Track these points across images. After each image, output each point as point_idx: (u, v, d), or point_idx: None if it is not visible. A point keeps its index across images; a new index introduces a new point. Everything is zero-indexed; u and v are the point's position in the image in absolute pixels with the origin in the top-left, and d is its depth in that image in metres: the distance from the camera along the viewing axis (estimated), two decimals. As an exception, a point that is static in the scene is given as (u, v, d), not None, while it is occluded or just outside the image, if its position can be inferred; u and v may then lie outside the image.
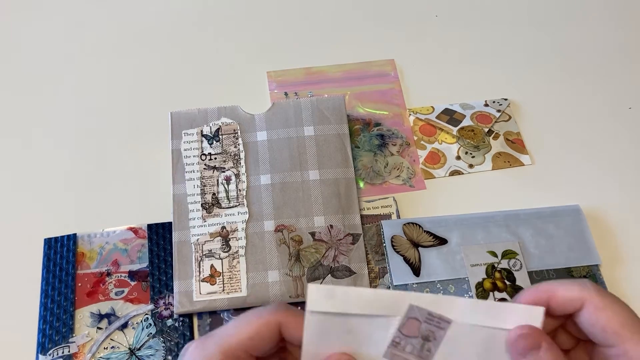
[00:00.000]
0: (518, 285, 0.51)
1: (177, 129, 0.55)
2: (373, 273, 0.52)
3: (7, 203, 0.57)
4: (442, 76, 0.67)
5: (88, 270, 0.51)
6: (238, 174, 0.54)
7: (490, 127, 0.61)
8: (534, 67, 0.67)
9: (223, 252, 0.51)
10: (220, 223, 0.52)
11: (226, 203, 0.52)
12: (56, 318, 0.49)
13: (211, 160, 0.54)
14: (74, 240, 0.53)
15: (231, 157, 0.54)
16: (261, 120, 0.57)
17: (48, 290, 0.50)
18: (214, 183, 0.53)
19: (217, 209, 0.52)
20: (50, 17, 0.70)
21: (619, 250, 0.54)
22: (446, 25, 0.71)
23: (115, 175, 0.58)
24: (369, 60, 0.67)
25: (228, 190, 0.53)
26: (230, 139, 0.55)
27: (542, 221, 0.54)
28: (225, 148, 0.54)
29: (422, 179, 0.58)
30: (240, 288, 0.49)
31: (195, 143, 0.54)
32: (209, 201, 0.52)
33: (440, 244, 0.53)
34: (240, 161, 0.54)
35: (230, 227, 0.52)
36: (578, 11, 0.73)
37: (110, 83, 0.65)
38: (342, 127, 0.57)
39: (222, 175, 0.53)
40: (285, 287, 0.50)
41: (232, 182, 0.53)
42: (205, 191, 0.53)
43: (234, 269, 0.50)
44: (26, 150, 0.60)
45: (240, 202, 0.53)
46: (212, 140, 0.54)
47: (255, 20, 0.71)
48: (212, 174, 0.53)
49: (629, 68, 0.67)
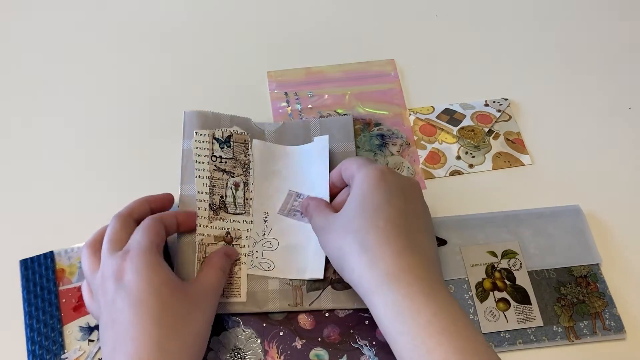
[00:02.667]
0: (518, 285, 0.50)
1: (190, 129, 0.54)
2: (373, 273, 0.52)
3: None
4: (442, 76, 0.67)
5: (70, 285, 0.51)
6: (247, 183, 0.53)
7: (490, 127, 0.61)
8: (534, 67, 0.67)
9: None
10: (225, 228, 0.51)
11: (232, 209, 0.52)
12: (44, 337, 0.48)
13: (222, 163, 0.53)
14: (51, 258, 0.52)
15: (241, 164, 0.53)
16: (271, 136, 0.56)
17: (32, 311, 0.49)
18: (223, 186, 0.52)
19: (223, 213, 0.51)
20: (49, 15, 0.70)
21: (619, 250, 0.54)
22: (446, 25, 0.71)
23: (87, 190, 0.57)
24: (369, 60, 0.67)
25: (236, 197, 0.52)
26: (240, 147, 0.54)
27: (542, 221, 0.54)
28: (236, 155, 0.53)
29: (422, 178, 0.58)
30: (240, 294, 0.49)
31: (206, 144, 0.53)
32: (217, 203, 0.51)
33: (440, 244, 0.53)
34: (249, 171, 0.53)
35: (235, 234, 0.51)
36: (578, 11, 0.73)
37: (99, 89, 0.65)
38: (350, 145, 0.57)
39: (232, 180, 0.52)
40: (284, 296, 0.49)
41: (240, 189, 0.52)
42: (214, 192, 0.51)
43: (234, 275, 0.50)
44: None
45: (247, 210, 0.52)
46: (223, 145, 0.53)
47: (255, 20, 0.71)
48: (222, 177, 0.52)
49: (629, 68, 0.67)
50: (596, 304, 0.50)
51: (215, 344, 0.48)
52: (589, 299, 0.50)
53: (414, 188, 0.47)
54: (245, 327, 0.49)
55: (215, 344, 0.48)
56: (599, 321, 0.49)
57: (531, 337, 0.48)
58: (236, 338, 0.48)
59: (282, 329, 0.49)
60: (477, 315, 0.49)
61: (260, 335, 0.48)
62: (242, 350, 0.48)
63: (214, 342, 0.48)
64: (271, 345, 0.48)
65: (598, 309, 0.50)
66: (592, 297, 0.50)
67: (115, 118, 0.62)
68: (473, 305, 0.50)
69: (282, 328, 0.49)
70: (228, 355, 0.47)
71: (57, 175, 0.58)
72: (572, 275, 0.52)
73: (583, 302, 0.50)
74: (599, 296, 0.51)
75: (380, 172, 0.45)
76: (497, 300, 0.50)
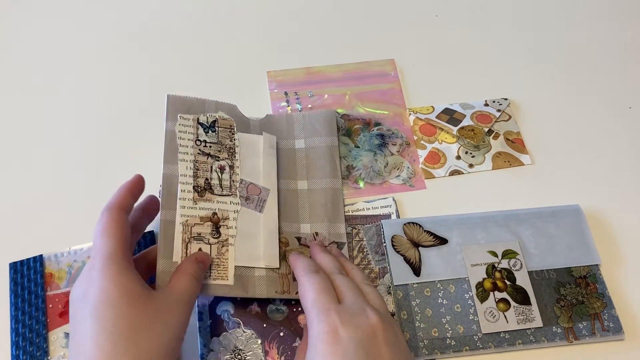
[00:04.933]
0: (518, 285, 0.51)
1: (173, 112, 0.51)
2: (373, 273, 0.52)
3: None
4: (442, 76, 0.67)
5: (58, 291, 0.50)
6: (232, 166, 0.52)
7: (490, 127, 0.61)
8: (534, 67, 0.67)
9: (213, 237, 0.49)
10: (211, 209, 0.49)
11: (219, 190, 0.50)
12: (29, 342, 0.48)
13: (206, 147, 0.51)
14: (41, 262, 0.51)
15: (226, 149, 0.52)
16: (255, 126, 0.56)
17: (18, 315, 0.49)
18: (208, 169, 0.51)
19: (209, 194, 0.50)
20: (38, 11, 0.70)
21: (619, 250, 0.54)
22: (446, 25, 0.71)
23: (79, 193, 0.57)
24: (369, 60, 0.67)
25: (222, 179, 0.51)
26: (226, 132, 0.53)
27: (542, 221, 0.54)
28: (221, 140, 0.52)
29: (422, 178, 0.58)
30: (227, 276, 0.48)
31: (190, 128, 0.51)
32: (202, 185, 0.50)
33: (441, 243, 0.53)
34: (235, 155, 0.52)
35: (222, 214, 0.49)
36: (578, 11, 0.73)
37: (93, 91, 0.65)
38: (333, 139, 0.57)
39: (217, 163, 0.51)
40: (271, 283, 0.49)
41: (226, 172, 0.51)
42: (198, 175, 0.50)
43: (222, 256, 0.48)
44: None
45: (234, 192, 0.51)
46: (207, 129, 0.52)
47: (255, 20, 0.71)
48: (207, 160, 0.51)
49: (629, 68, 0.67)
50: (595, 304, 0.50)
51: (216, 345, 0.48)
52: (588, 299, 0.50)
53: (375, 337, 0.39)
54: (246, 328, 0.49)
55: (215, 345, 0.48)
56: (598, 322, 0.50)
57: (530, 338, 0.49)
58: (236, 339, 0.48)
59: (282, 329, 0.49)
60: (477, 315, 0.49)
61: (260, 336, 0.48)
62: (243, 351, 0.48)
63: (214, 343, 0.48)
64: (272, 345, 0.48)
65: (597, 310, 0.50)
66: (592, 298, 0.51)
67: (110, 120, 0.62)
68: (473, 306, 0.50)
69: (283, 329, 0.49)
70: (229, 355, 0.47)
71: (49, 179, 0.58)
72: (572, 276, 0.52)
73: (582, 302, 0.50)
74: (598, 297, 0.51)
75: (332, 333, 0.39)
76: (498, 300, 0.50)
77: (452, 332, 0.49)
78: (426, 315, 0.49)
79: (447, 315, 0.49)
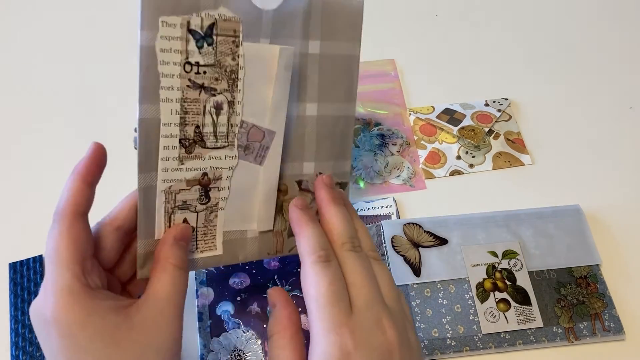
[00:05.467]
0: (519, 285, 0.50)
1: (152, 14, 0.35)
2: (373, 273, 0.52)
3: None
4: (442, 76, 0.66)
5: None
6: (232, 102, 0.38)
7: (490, 127, 0.61)
8: (534, 67, 0.67)
9: (200, 203, 0.40)
10: (201, 168, 0.39)
11: (212, 142, 0.39)
12: (29, 343, 0.48)
13: (199, 75, 0.37)
14: (41, 262, 0.51)
15: (226, 74, 0.38)
16: (268, 21, 0.39)
17: (18, 316, 0.49)
18: (200, 111, 0.38)
19: (199, 149, 0.38)
20: (34, 10, 0.70)
21: (620, 250, 0.54)
22: (446, 25, 0.71)
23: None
24: (369, 60, 0.67)
25: (217, 124, 0.38)
26: (227, 44, 0.38)
27: (542, 221, 0.54)
28: (220, 58, 0.37)
29: (423, 178, 0.58)
30: (215, 246, 0.41)
31: (177, 41, 0.36)
32: (191, 137, 0.38)
33: (441, 244, 0.53)
34: (237, 82, 0.38)
35: (214, 174, 0.39)
36: (578, 11, 0.73)
37: (93, 91, 0.65)
38: (354, 46, 0.43)
39: (212, 100, 0.38)
40: (264, 243, 0.43)
41: (224, 113, 0.38)
42: (187, 121, 0.37)
43: (210, 223, 0.40)
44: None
45: (230, 142, 0.39)
46: (202, 42, 0.37)
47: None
48: (199, 97, 0.37)
49: (629, 68, 0.67)
50: (596, 305, 0.50)
51: (216, 345, 0.48)
52: (589, 299, 0.50)
53: (391, 358, 0.34)
54: (246, 329, 0.49)
55: (215, 346, 0.48)
56: (599, 322, 0.50)
57: (531, 338, 0.49)
58: (236, 339, 0.48)
59: (282, 329, 0.49)
60: (478, 315, 0.49)
61: (260, 336, 0.48)
62: (243, 352, 0.48)
63: (214, 344, 0.48)
64: (271, 346, 0.48)
65: (598, 310, 0.50)
66: (592, 298, 0.51)
67: (110, 120, 0.62)
68: (473, 306, 0.50)
69: (283, 329, 0.49)
70: (229, 356, 0.47)
71: (49, 179, 0.57)
72: (572, 276, 0.52)
73: (583, 303, 0.50)
74: (598, 297, 0.51)
75: (343, 359, 0.32)
76: (498, 300, 0.50)
77: (453, 332, 0.49)
78: (426, 315, 0.49)
79: (447, 316, 0.49)
